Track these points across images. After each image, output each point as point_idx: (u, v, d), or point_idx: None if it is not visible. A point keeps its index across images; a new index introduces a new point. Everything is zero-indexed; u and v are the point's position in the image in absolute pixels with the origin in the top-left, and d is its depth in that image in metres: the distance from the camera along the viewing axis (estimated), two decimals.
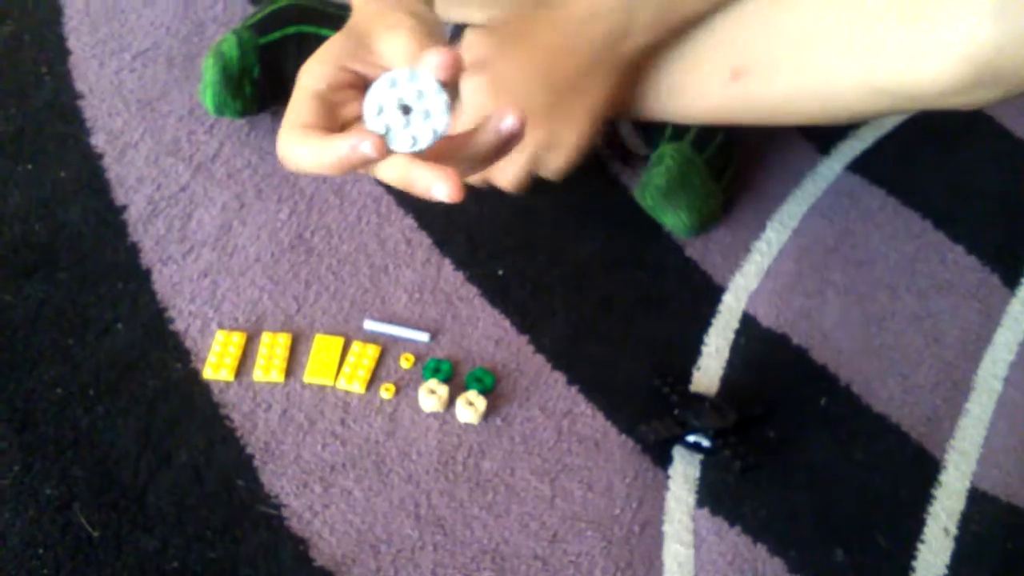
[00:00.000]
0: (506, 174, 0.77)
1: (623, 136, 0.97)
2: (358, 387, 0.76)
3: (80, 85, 0.95)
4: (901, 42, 0.69)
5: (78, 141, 0.91)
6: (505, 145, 0.52)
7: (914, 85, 0.70)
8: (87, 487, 0.70)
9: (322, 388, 0.77)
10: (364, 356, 0.78)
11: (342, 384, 0.77)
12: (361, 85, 0.53)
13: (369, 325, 0.81)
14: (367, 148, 0.48)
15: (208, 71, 0.88)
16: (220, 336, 0.78)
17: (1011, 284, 0.91)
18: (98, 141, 0.91)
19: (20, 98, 0.94)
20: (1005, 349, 0.86)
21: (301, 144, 0.51)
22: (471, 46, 0.75)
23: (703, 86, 0.80)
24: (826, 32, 0.73)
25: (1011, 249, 0.93)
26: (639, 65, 0.78)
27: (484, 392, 0.77)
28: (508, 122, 0.51)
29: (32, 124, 0.92)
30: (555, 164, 0.78)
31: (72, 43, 0.99)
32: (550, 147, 0.76)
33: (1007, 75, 0.67)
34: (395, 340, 0.80)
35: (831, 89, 0.75)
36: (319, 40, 0.56)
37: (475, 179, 0.77)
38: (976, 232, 0.94)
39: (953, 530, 0.75)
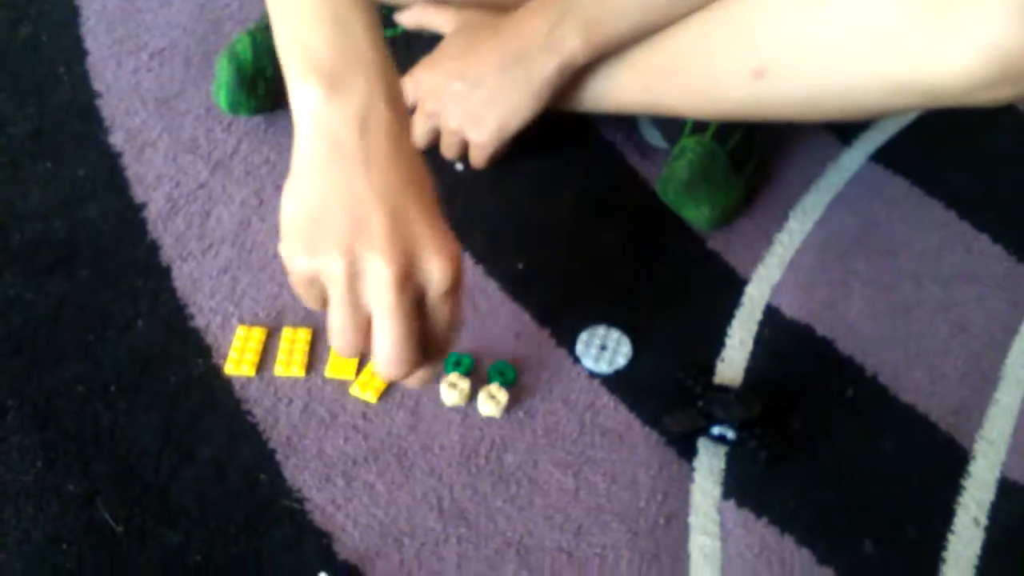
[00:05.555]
0: (443, 146, 0.89)
1: (641, 130, 0.96)
2: (377, 384, 0.76)
3: (98, 84, 0.95)
4: (925, 39, 0.68)
5: (96, 140, 0.91)
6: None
7: (939, 82, 0.69)
8: (110, 483, 0.70)
9: (343, 382, 0.76)
10: None
11: (363, 380, 0.76)
12: None
13: None
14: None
15: (222, 71, 0.88)
16: (240, 331, 0.78)
17: None
18: (116, 140, 0.91)
19: (39, 98, 0.94)
20: None
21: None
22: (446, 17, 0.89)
23: (724, 86, 0.80)
24: (849, 30, 0.72)
25: None
26: (567, 83, 0.84)
27: (506, 385, 0.76)
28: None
29: (51, 123, 0.92)
30: (472, 155, 0.88)
31: (89, 43, 0.99)
32: (464, 134, 0.86)
33: None
34: None
35: (855, 86, 0.74)
36: None
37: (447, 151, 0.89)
38: (1001, 222, 0.93)
39: (983, 520, 0.74)
